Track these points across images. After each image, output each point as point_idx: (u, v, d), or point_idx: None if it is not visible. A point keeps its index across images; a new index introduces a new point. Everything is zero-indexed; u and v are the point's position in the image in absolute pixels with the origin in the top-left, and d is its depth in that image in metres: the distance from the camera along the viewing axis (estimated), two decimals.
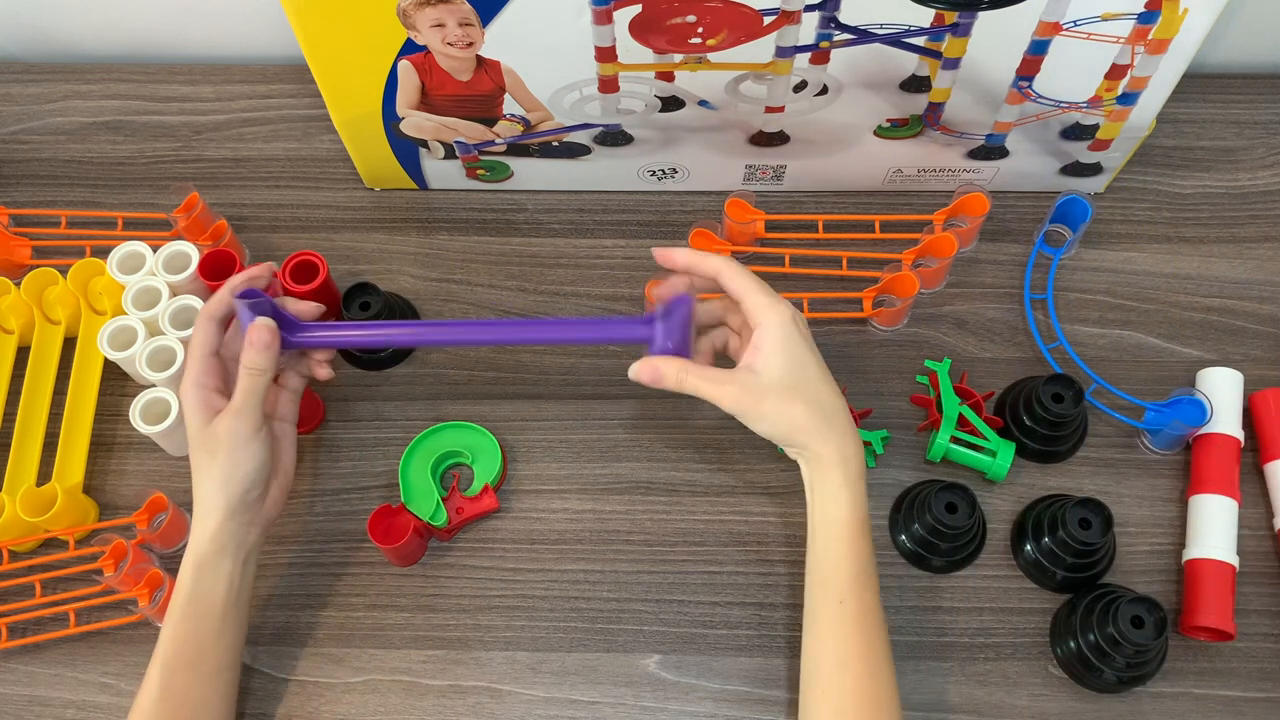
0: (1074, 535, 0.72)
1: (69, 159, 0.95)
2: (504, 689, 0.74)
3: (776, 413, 0.64)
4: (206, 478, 0.66)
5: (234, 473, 0.65)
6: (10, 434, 0.81)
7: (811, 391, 0.64)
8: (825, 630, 0.64)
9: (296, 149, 0.95)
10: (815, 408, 0.64)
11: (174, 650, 0.66)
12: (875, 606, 0.64)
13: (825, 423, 0.64)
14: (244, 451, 0.66)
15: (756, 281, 0.65)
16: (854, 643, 0.63)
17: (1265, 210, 0.91)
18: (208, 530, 0.66)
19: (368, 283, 0.82)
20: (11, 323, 0.84)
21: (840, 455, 0.64)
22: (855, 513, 0.64)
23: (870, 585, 0.64)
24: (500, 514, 0.80)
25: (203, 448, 0.66)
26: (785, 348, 0.63)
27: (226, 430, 0.65)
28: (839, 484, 0.64)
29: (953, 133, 0.84)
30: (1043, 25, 0.73)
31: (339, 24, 0.74)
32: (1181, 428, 0.78)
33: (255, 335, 0.66)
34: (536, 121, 0.83)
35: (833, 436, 0.64)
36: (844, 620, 0.63)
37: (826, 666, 0.63)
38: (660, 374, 0.65)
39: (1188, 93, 0.89)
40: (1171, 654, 0.74)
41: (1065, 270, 0.88)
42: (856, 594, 0.63)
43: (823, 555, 0.65)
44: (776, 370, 0.63)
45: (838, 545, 0.64)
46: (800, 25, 0.73)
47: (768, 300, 0.64)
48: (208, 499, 0.66)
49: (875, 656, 0.63)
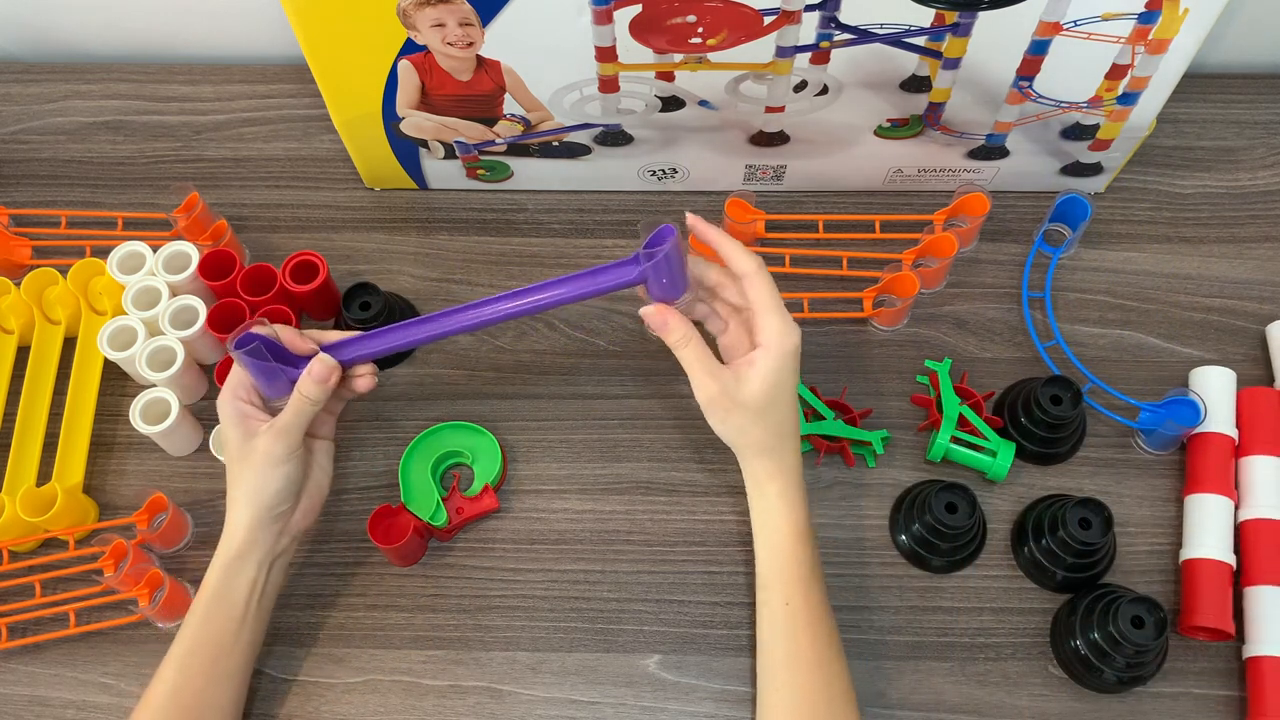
0: (1074, 535, 0.72)
1: (69, 159, 0.95)
2: (504, 689, 0.74)
3: (739, 425, 0.66)
4: (238, 487, 0.68)
5: (264, 488, 0.67)
6: (10, 434, 0.81)
7: (776, 418, 0.66)
8: (775, 630, 0.67)
9: (296, 149, 0.95)
10: (773, 431, 0.66)
11: (191, 649, 0.67)
12: (821, 604, 0.67)
13: (776, 441, 0.67)
14: (276, 470, 0.67)
15: (778, 299, 0.65)
16: (803, 640, 0.65)
17: (1265, 210, 0.91)
18: (236, 535, 0.68)
19: (368, 283, 0.82)
20: (11, 323, 0.84)
21: (779, 468, 0.67)
22: (793, 518, 0.67)
23: (815, 585, 0.67)
24: (500, 514, 0.80)
25: (238, 459, 0.68)
26: (776, 378, 0.65)
27: (264, 449, 0.67)
28: (776, 494, 0.67)
29: (953, 133, 0.84)
30: (1043, 25, 0.73)
31: (339, 24, 0.74)
32: (1175, 428, 0.78)
33: (317, 369, 0.67)
34: (537, 121, 0.83)
35: (776, 454, 0.67)
36: (792, 619, 0.66)
37: (777, 664, 0.66)
38: (668, 328, 0.66)
39: (1188, 93, 0.89)
40: (1171, 654, 0.74)
41: (1066, 270, 0.88)
42: (802, 594, 0.66)
43: (767, 560, 0.68)
44: (758, 392, 0.65)
45: (779, 551, 0.67)
46: (800, 25, 0.73)
47: (782, 325, 0.65)
48: (237, 506, 0.68)
49: (824, 652, 0.66)
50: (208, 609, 0.68)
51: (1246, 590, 0.74)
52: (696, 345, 0.66)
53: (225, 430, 0.68)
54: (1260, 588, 0.74)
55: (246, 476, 0.67)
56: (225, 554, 0.68)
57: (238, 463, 0.67)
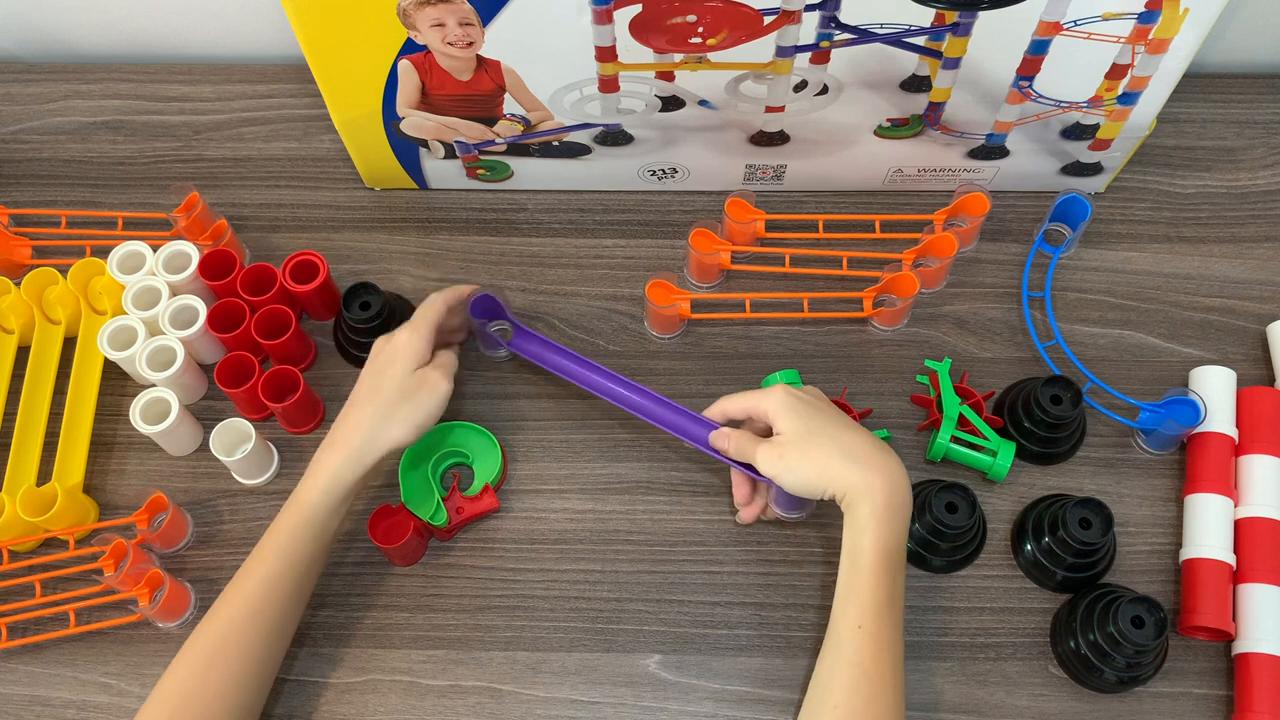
0: (1074, 535, 0.72)
1: (69, 159, 0.95)
2: (504, 689, 0.74)
3: (799, 462, 0.68)
4: (395, 414, 0.73)
5: (427, 415, 0.74)
6: (10, 434, 0.81)
7: (828, 435, 0.69)
8: (839, 652, 0.66)
9: (296, 149, 0.95)
10: (833, 447, 0.68)
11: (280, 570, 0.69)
12: (893, 632, 0.66)
13: (846, 460, 0.68)
14: (440, 402, 0.74)
15: (755, 393, 0.72)
16: (869, 668, 0.65)
17: (1265, 210, 0.91)
18: (370, 456, 0.72)
19: (368, 282, 0.82)
20: (11, 323, 0.84)
21: (866, 489, 0.67)
22: (879, 544, 0.66)
23: (890, 616, 0.66)
24: (500, 514, 0.80)
25: (400, 391, 0.73)
26: (789, 410, 0.70)
27: (437, 381, 0.74)
28: (866, 516, 0.66)
29: (953, 132, 0.84)
30: (1043, 25, 0.73)
31: (339, 24, 0.74)
32: (1175, 428, 0.78)
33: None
34: (537, 121, 0.83)
35: (857, 471, 0.67)
36: (859, 645, 0.65)
37: (838, 686, 0.65)
38: (729, 441, 0.74)
39: (1188, 93, 0.89)
40: (1171, 654, 0.74)
41: (1066, 270, 0.88)
42: (874, 620, 0.65)
43: (846, 580, 0.67)
44: (788, 427, 0.69)
45: (859, 573, 0.66)
46: (800, 25, 0.73)
47: (763, 392, 0.72)
48: (390, 427, 0.72)
49: (887, 683, 0.65)
50: (305, 530, 0.70)
51: (1239, 587, 0.74)
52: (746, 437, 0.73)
53: (402, 363, 0.74)
54: (1253, 585, 0.74)
55: (408, 407, 0.73)
56: (349, 476, 0.71)
57: (399, 393, 0.73)
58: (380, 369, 0.74)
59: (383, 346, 0.75)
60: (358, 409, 0.73)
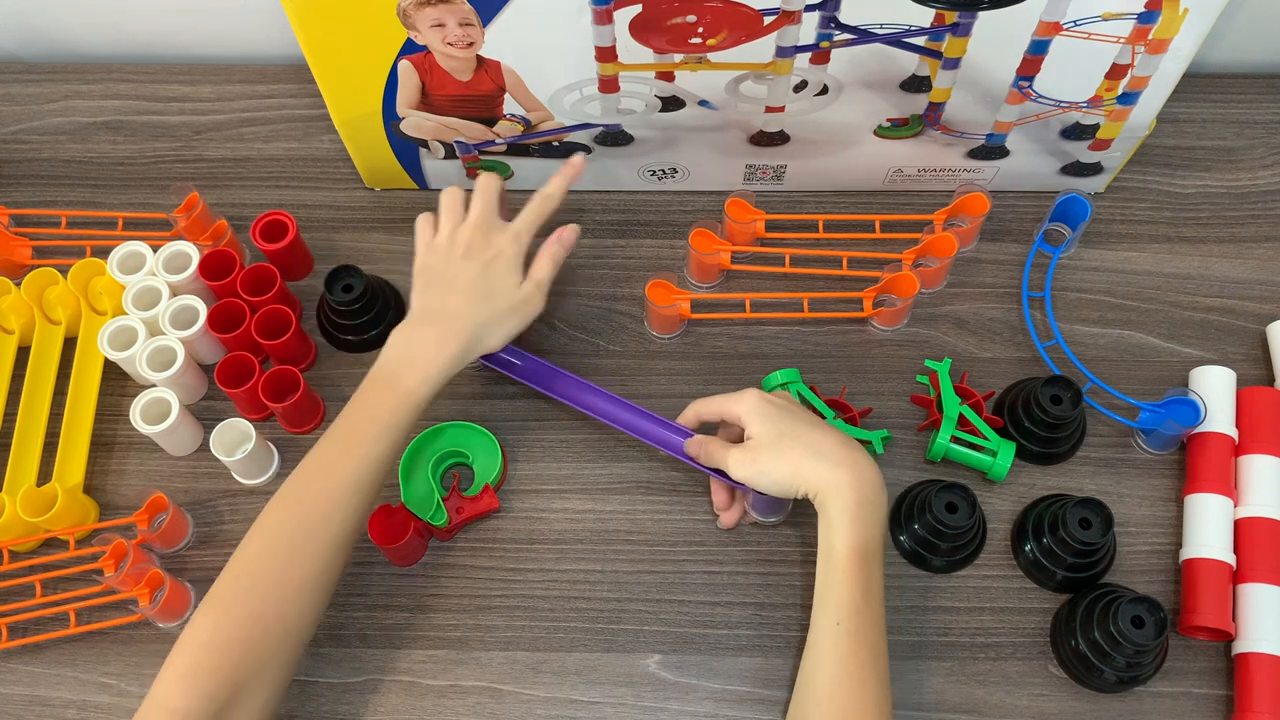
0: (1074, 535, 0.72)
1: (69, 159, 0.95)
2: (504, 689, 0.74)
3: (771, 463, 0.69)
4: (498, 326, 0.75)
5: (518, 330, 0.76)
6: (10, 434, 0.81)
7: (798, 436, 0.69)
8: (820, 649, 0.67)
9: (296, 149, 0.95)
10: (804, 448, 0.69)
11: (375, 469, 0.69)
12: (873, 628, 0.66)
13: (816, 458, 0.68)
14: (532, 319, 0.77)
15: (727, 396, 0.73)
16: (850, 664, 0.65)
17: (1265, 210, 0.91)
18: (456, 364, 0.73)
19: (350, 265, 0.82)
20: (12, 323, 0.84)
21: (835, 486, 0.67)
22: (851, 541, 0.66)
23: (869, 611, 0.66)
24: (500, 514, 0.80)
25: (509, 304, 0.75)
26: (761, 414, 0.70)
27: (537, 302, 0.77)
28: (837, 512, 0.67)
29: (953, 132, 0.84)
30: (1043, 25, 0.73)
31: (339, 24, 0.74)
32: (1175, 428, 0.78)
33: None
34: (537, 121, 0.83)
35: (826, 468, 0.67)
36: (839, 642, 0.66)
37: (821, 681, 0.66)
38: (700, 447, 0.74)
39: (1188, 93, 0.89)
40: (1171, 654, 0.74)
41: (1066, 270, 0.88)
42: (852, 617, 0.66)
43: (823, 579, 0.68)
44: (760, 430, 0.70)
45: (834, 570, 0.67)
46: (800, 25, 0.73)
47: (735, 396, 0.72)
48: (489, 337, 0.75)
49: (868, 677, 0.65)
50: (408, 418, 0.71)
51: (1239, 587, 0.74)
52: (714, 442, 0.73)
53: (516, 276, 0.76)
54: (1253, 585, 0.74)
55: (513, 320, 0.76)
56: (453, 370, 0.73)
57: (507, 305, 0.75)
58: (491, 271, 0.75)
59: (483, 245, 0.76)
60: (465, 302, 0.74)
